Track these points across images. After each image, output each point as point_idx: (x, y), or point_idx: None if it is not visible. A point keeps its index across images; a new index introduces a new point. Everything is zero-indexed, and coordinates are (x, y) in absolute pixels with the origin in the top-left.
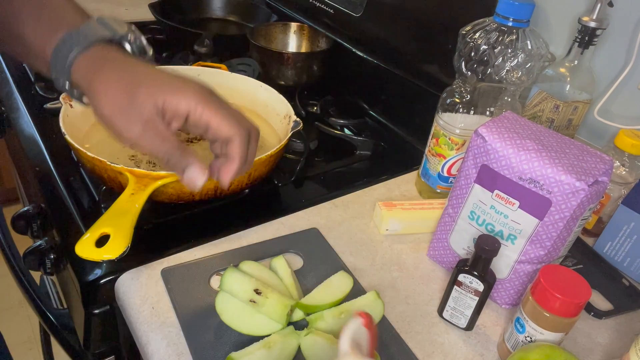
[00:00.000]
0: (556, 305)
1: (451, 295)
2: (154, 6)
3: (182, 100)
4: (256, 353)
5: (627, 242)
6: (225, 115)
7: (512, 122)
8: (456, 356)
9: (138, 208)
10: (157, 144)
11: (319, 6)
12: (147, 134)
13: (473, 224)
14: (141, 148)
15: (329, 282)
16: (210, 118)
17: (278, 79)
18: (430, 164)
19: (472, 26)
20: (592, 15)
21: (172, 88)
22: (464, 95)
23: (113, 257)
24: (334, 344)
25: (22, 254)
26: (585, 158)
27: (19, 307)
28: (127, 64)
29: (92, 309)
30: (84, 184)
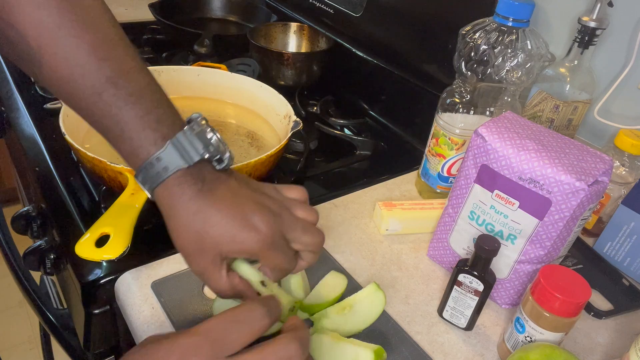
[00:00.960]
0: (556, 305)
1: (451, 295)
2: (154, 6)
3: (243, 249)
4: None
5: (627, 242)
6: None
7: (512, 122)
8: (456, 356)
9: (138, 208)
10: (216, 287)
11: (319, 6)
12: (207, 274)
13: (473, 224)
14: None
15: (324, 282)
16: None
17: (278, 79)
18: (430, 164)
19: (472, 26)
20: (592, 15)
21: (234, 241)
22: (464, 95)
23: (113, 257)
24: (340, 341)
25: (22, 254)
26: (585, 158)
27: (19, 307)
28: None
29: (92, 309)
30: (84, 184)
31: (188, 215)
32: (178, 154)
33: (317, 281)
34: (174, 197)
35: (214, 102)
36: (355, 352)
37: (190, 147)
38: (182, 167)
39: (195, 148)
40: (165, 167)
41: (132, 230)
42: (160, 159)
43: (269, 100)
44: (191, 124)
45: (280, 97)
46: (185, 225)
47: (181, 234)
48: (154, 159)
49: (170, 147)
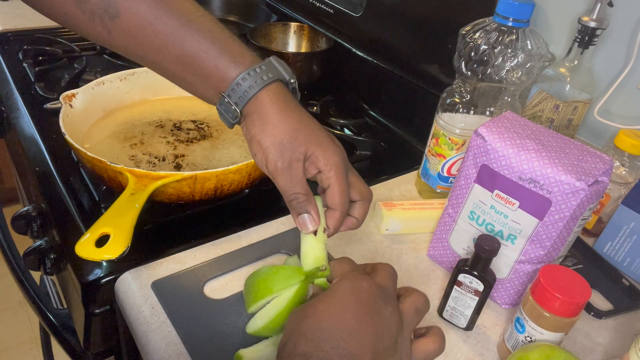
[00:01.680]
0: (556, 305)
1: (451, 295)
2: None
3: (325, 158)
4: (265, 350)
5: (627, 242)
6: (345, 189)
7: (512, 122)
8: (456, 356)
9: (138, 208)
10: (292, 184)
11: (319, 6)
12: (288, 171)
13: (473, 224)
14: (277, 181)
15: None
16: (334, 184)
17: None
18: (430, 164)
19: (472, 26)
20: (592, 15)
21: (323, 144)
22: (464, 95)
23: (113, 257)
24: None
25: (22, 254)
26: (585, 158)
27: (19, 307)
28: (297, 108)
29: (92, 309)
30: (84, 184)
31: (285, 113)
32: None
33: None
34: (268, 103)
35: None
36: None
37: (282, 68)
38: (274, 80)
39: (286, 70)
40: (261, 78)
41: (132, 230)
42: (257, 72)
43: None
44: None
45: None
46: (281, 121)
47: (277, 128)
48: (252, 70)
49: (263, 65)
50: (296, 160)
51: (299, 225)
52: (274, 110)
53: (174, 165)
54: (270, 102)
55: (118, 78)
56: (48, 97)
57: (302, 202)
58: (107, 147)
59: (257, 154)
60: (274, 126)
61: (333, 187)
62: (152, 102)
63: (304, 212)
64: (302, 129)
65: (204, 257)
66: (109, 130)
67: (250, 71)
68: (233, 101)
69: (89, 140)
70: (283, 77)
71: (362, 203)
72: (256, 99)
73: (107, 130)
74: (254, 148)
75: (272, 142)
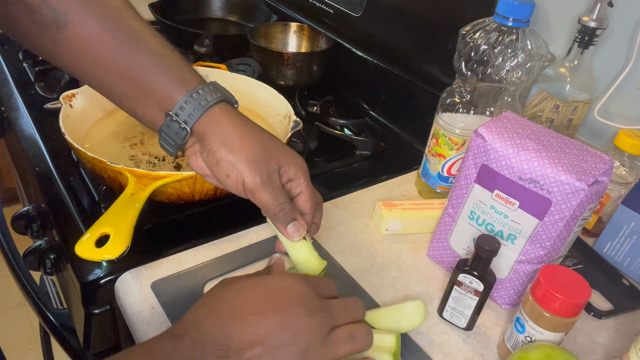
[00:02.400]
0: (556, 305)
1: (451, 295)
2: (154, 6)
3: (295, 167)
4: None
5: (627, 242)
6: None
7: (512, 122)
8: (456, 356)
9: (138, 208)
10: (275, 196)
11: (319, 6)
12: (269, 185)
13: (473, 224)
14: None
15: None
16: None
17: (278, 79)
18: (430, 164)
19: (472, 26)
20: (592, 15)
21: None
22: (464, 95)
23: (113, 257)
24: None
25: (22, 254)
26: (585, 158)
27: (19, 307)
28: (253, 124)
29: (92, 309)
30: (84, 184)
31: (247, 129)
32: (218, 90)
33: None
34: (226, 121)
35: None
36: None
37: (226, 91)
38: (223, 99)
39: (229, 93)
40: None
41: (132, 230)
42: (205, 91)
43: (269, 100)
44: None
45: (280, 97)
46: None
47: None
48: (200, 89)
49: (211, 85)
50: (273, 172)
51: (290, 234)
52: (234, 127)
53: (174, 165)
54: (227, 119)
55: None
56: (48, 97)
57: (288, 210)
58: (107, 147)
59: (230, 174)
60: (241, 143)
61: (304, 193)
62: None
63: (291, 220)
64: (269, 142)
65: (204, 257)
66: (109, 130)
67: (199, 89)
68: (182, 119)
69: (89, 140)
70: (229, 98)
71: (318, 208)
72: (209, 116)
73: (107, 130)
74: (224, 169)
75: (245, 158)
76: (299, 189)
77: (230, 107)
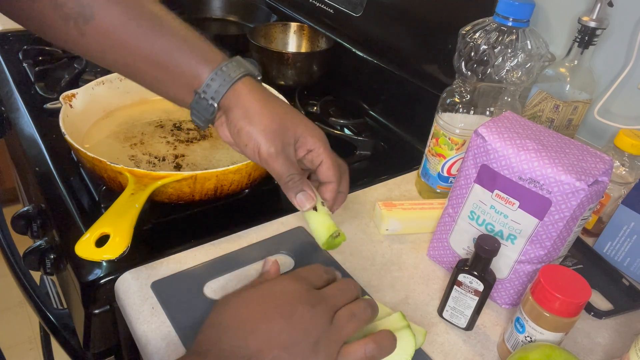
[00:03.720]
0: (556, 305)
1: (451, 295)
2: None
3: (313, 137)
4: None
5: (627, 242)
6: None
7: (512, 122)
8: (456, 356)
9: (138, 208)
10: (287, 166)
11: (319, 6)
12: (282, 155)
13: (473, 224)
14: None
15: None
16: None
17: (278, 79)
18: (430, 164)
19: (472, 26)
20: (592, 15)
21: (308, 126)
22: (464, 95)
23: (113, 257)
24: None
25: (22, 254)
26: (585, 158)
27: (19, 307)
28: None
29: (92, 309)
30: (84, 184)
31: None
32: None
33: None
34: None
35: None
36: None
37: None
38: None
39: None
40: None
41: (132, 230)
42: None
43: None
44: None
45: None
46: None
47: (266, 116)
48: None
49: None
50: (288, 144)
51: (299, 204)
52: (255, 101)
53: (174, 165)
54: (249, 93)
55: (118, 78)
56: (48, 97)
57: (297, 181)
58: (107, 147)
59: (248, 144)
60: (260, 115)
61: (326, 162)
62: (152, 102)
63: (300, 190)
64: (287, 115)
65: (204, 257)
66: (109, 130)
67: (223, 67)
68: (209, 96)
69: (89, 140)
70: (252, 72)
71: (344, 176)
72: (233, 91)
73: (107, 130)
74: (243, 139)
75: (263, 130)
76: (320, 158)
77: (252, 81)
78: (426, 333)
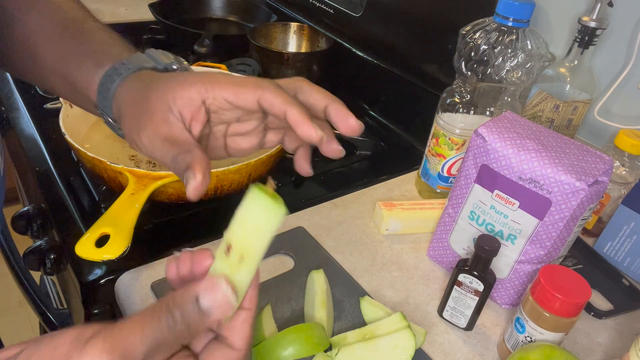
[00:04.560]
0: (556, 305)
1: (451, 295)
2: (154, 6)
3: (191, 89)
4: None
5: (627, 242)
6: (239, 81)
7: (512, 122)
8: (456, 356)
9: (138, 208)
10: (165, 149)
11: (319, 6)
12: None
13: (473, 224)
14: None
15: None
16: (224, 91)
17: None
18: (430, 164)
19: (472, 26)
20: (592, 15)
21: (182, 84)
22: (464, 95)
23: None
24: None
25: (22, 254)
26: (585, 158)
27: (19, 307)
28: (152, 77)
29: (92, 309)
30: (84, 184)
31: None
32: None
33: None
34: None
35: None
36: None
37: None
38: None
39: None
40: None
41: (132, 230)
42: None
43: None
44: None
45: None
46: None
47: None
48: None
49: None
50: (161, 121)
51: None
52: (130, 96)
53: None
54: (127, 93)
55: None
56: (48, 97)
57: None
58: (107, 147)
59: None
60: (127, 109)
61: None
62: None
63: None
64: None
65: None
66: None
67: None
68: (102, 109)
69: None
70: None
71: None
72: (116, 99)
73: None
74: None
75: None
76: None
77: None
78: (426, 333)
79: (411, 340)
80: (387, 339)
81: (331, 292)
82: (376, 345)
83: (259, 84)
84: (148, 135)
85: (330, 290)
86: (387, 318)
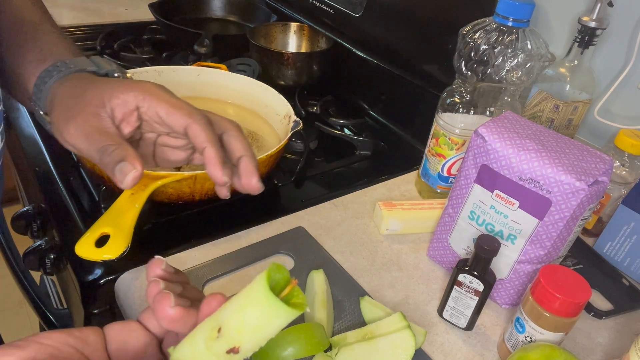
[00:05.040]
0: (556, 305)
1: (451, 295)
2: (154, 6)
3: (129, 93)
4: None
5: (627, 242)
6: (175, 103)
7: (512, 122)
8: (456, 356)
9: (138, 208)
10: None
11: (319, 6)
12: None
13: (473, 224)
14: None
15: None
16: (159, 106)
17: (278, 79)
18: (430, 164)
19: (472, 26)
20: (592, 15)
21: (120, 86)
22: (464, 95)
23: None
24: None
25: (22, 254)
26: (585, 158)
27: (19, 307)
28: (92, 78)
29: (92, 309)
30: (84, 184)
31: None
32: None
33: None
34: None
35: (214, 102)
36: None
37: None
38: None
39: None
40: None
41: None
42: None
43: (269, 100)
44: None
45: (280, 97)
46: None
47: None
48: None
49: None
50: (92, 114)
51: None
52: (66, 90)
53: None
54: (63, 88)
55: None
56: None
57: (112, 152)
58: None
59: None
60: (59, 100)
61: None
62: None
63: (119, 159)
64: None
65: (204, 257)
66: None
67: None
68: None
69: None
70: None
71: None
72: (50, 93)
73: None
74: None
75: (59, 114)
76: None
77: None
78: (426, 333)
79: (411, 341)
80: (387, 339)
81: (331, 292)
82: (376, 346)
83: (192, 113)
84: (77, 124)
85: (330, 290)
86: (387, 318)
